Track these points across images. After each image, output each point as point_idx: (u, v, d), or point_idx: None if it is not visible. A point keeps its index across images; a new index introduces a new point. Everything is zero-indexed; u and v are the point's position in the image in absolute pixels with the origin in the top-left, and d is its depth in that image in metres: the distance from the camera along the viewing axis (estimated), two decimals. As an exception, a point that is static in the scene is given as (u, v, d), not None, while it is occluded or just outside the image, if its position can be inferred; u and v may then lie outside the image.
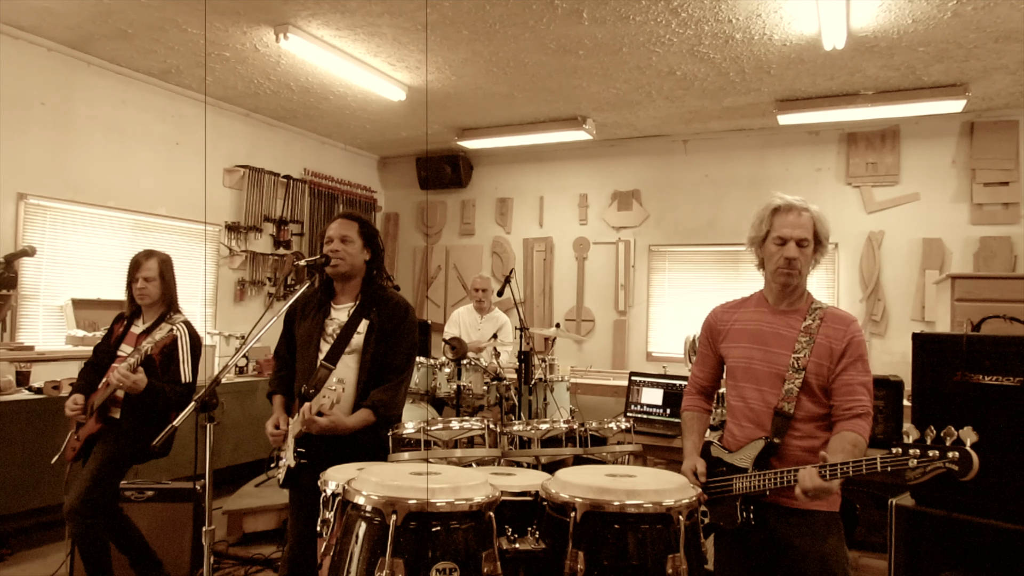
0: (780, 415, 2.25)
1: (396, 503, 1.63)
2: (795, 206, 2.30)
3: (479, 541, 1.67)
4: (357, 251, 2.87)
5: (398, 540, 1.60)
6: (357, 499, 1.69)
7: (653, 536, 1.73)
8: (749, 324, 2.40)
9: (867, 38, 4.60)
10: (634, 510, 1.74)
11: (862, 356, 2.27)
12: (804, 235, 2.26)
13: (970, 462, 1.81)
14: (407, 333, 2.83)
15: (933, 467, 1.86)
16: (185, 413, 2.22)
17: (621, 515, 1.73)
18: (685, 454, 2.42)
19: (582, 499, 1.76)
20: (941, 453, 1.86)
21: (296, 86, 5.92)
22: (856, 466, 1.97)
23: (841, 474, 1.98)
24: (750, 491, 2.20)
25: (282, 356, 2.93)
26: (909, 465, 1.89)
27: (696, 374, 2.57)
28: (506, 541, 1.77)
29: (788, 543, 2.20)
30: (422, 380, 5.17)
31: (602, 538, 1.72)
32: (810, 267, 2.35)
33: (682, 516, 1.76)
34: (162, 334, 3.27)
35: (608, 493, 1.77)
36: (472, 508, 1.68)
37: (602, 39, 4.75)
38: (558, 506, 1.82)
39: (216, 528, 4.71)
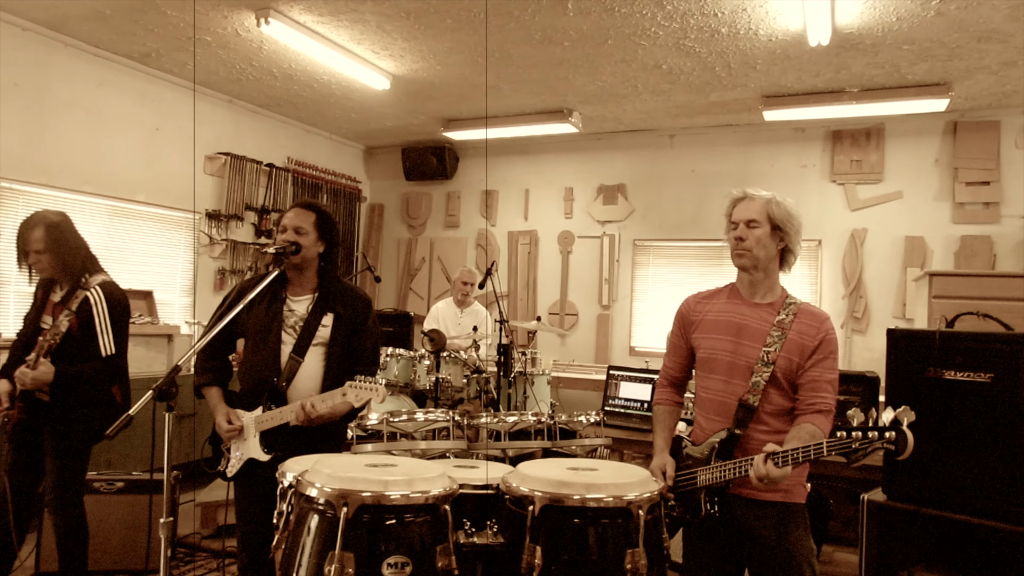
0: (743, 407, 2.24)
1: (348, 495, 1.59)
2: (748, 194, 2.35)
3: (434, 535, 1.64)
4: (311, 243, 2.79)
5: (349, 533, 1.57)
6: (310, 491, 1.65)
7: (612, 531, 1.70)
8: (722, 315, 2.38)
9: (852, 35, 4.58)
10: (593, 504, 1.71)
11: (832, 354, 2.26)
12: (751, 216, 2.28)
13: (905, 441, 1.83)
14: (373, 327, 2.82)
15: (873, 447, 1.88)
16: (142, 402, 2.16)
17: (580, 509, 1.71)
18: (655, 451, 2.40)
19: (541, 493, 1.73)
20: (880, 434, 1.86)
21: (279, 73, 5.85)
22: (805, 452, 1.96)
23: (792, 461, 1.98)
24: (712, 483, 2.19)
25: (213, 344, 2.74)
26: (852, 447, 1.90)
27: (667, 365, 2.55)
28: (464, 535, 1.74)
29: (753, 534, 2.20)
30: (402, 372, 5.14)
31: (560, 532, 1.70)
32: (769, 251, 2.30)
33: (642, 511, 1.73)
34: (77, 303, 3.09)
35: (567, 487, 1.74)
36: (427, 501, 1.65)
37: (587, 31, 4.71)
38: (517, 499, 1.79)
39: (190, 521, 4.70)
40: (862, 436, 1.88)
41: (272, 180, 7.09)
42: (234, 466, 2.71)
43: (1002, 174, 5.94)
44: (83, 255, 3.29)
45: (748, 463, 2.09)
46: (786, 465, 1.99)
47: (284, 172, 7.24)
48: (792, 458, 1.97)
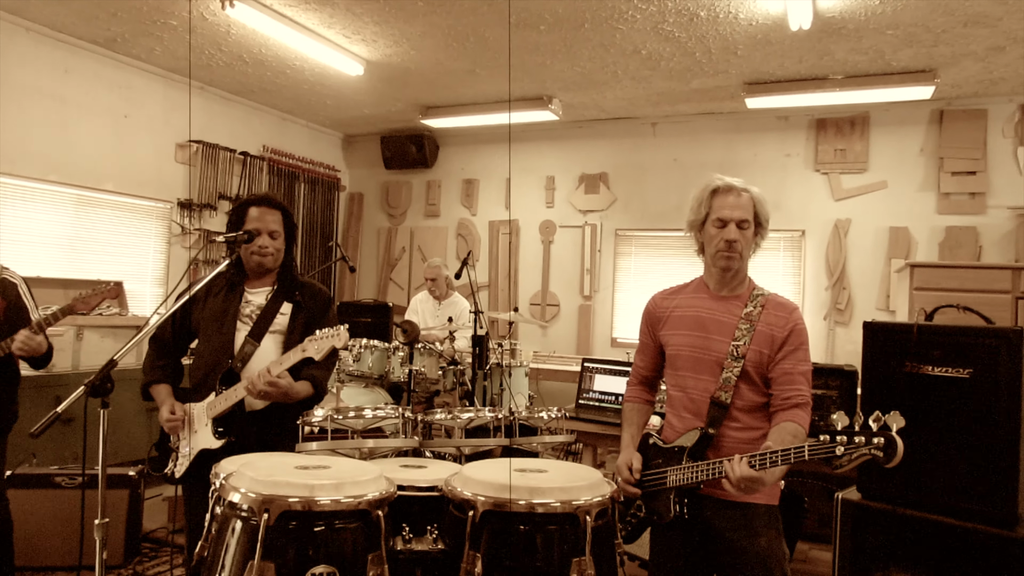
0: (716, 404, 2.15)
1: (272, 501, 1.48)
2: (735, 187, 2.21)
3: (366, 542, 1.53)
4: (282, 244, 2.75)
5: (270, 542, 1.45)
6: (232, 496, 1.54)
7: (558, 538, 1.59)
8: (688, 311, 2.29)
9: (834, 19, 4.47)
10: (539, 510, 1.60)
11: (803, 344, 2.18)
12: (744, 216, 2.16)
13: (895, 448, 1.71)
14: (334, 319, 2.72)
15: (859, 454, 1.77)
16: (72, 397, 2.05)
17: (523, 515, 1.60)
18: (622, 447, 2.30)
19: (484, 497, 1.62)
20: (867, 439, 1.76)
21: (250, 58, 5.70)
22: (784, 455, 1.86)
23: (770, 463, 1.87)
24: (683, 483, 2.09)
25: (164, 342, 2.69)
26: (836, 453, 1.79)
27: (638, 364, 2.46)
28: (401, 541, 1.63)
29: (724, 537, 2.11)
30: (376, 364, 5.02)
31: (503, 539, 1.59)
32: (751, 250, 2.26)
33: (590, 516, 1.62)
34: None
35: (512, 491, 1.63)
36: (359, 506, 1.53)
37: (563, 14, 4.58)
38: (459, 504, 1.68)
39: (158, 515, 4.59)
40: (848, 441, 1.78)
41: (247, 169, 6.93)
42: (183, 465, 2.59)
43: (989, 163, 5.85)
44: None
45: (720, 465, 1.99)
46: (764, 468, 1.89)
47: (259, 160, 7.08)
48: (771, 461, 1.87)
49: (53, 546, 3.84)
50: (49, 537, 3.84)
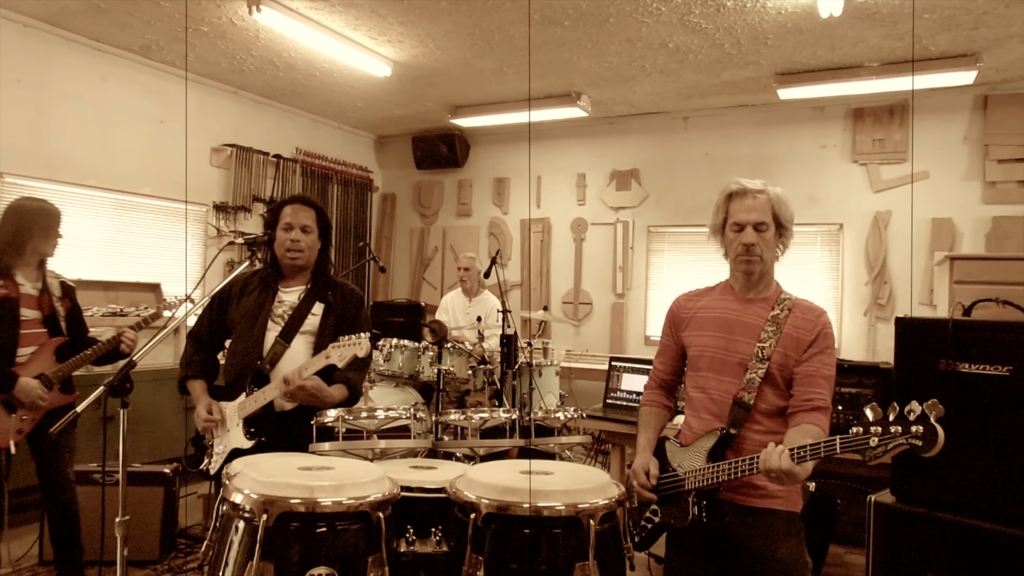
0: (739, 405, 2.10)
1: (272, 502, 1.48)
2: (750, 189, 2.15)
3: (367, 544, 1.52)
4: (315, 241, 2.78)
5: (269, 542, 1.45)
6: (235, 497, 1.54)
7: (561, 542, 1.56)
8: (714, 312, 2.25)
9: (867, 5, 4.33)
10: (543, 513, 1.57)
11: (828, 349, 2.12)
12: (761, 219, 2.11)
13: (935, 436, 1.64)
14: (366, 321, 2.75)
15: (895, 444, 1.70)
16: (92, 397, 2.08)
17: (526, 518, 1.57)
18: (637, 451, 2.26)
19: (487, 500, 1.60)
20: (904, 429, 1.68)
21: (280, 62, 5.76)
22: (814, 449, 1.80)
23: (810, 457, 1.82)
24: (703, 486, 2.03)
25: (202, 339, 2.76)
26: (870, 444, 1.73)
27: (657, 367, 2.41)
28: (405, 543, 1.61)
29: (743, 543, 2.05)
30: (406, 364, 5.03)
31: (505, 543, 1.56)
32: (775, 252, 2.20)
33: (594, 520, 1.59)
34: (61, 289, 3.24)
35: (513, 494, 1.61)
36: (360, 508, 1.53)
37: (587, 9, 4.53)
38: (463, 506, 1.66)
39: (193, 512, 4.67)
40: (882, 431, 1.72)
41: (280, 171, 7.02)
42: (216, 462, 2.63)
43: (1036, 150, 5.62)
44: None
45: (745, 464, 1.94)
46: (804, 461, 1.82)
47: (292, 163, 7.17)
48: (812, 454, 1.81)
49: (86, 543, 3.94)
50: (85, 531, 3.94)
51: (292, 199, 2.81)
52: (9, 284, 3.15)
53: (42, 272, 3.28)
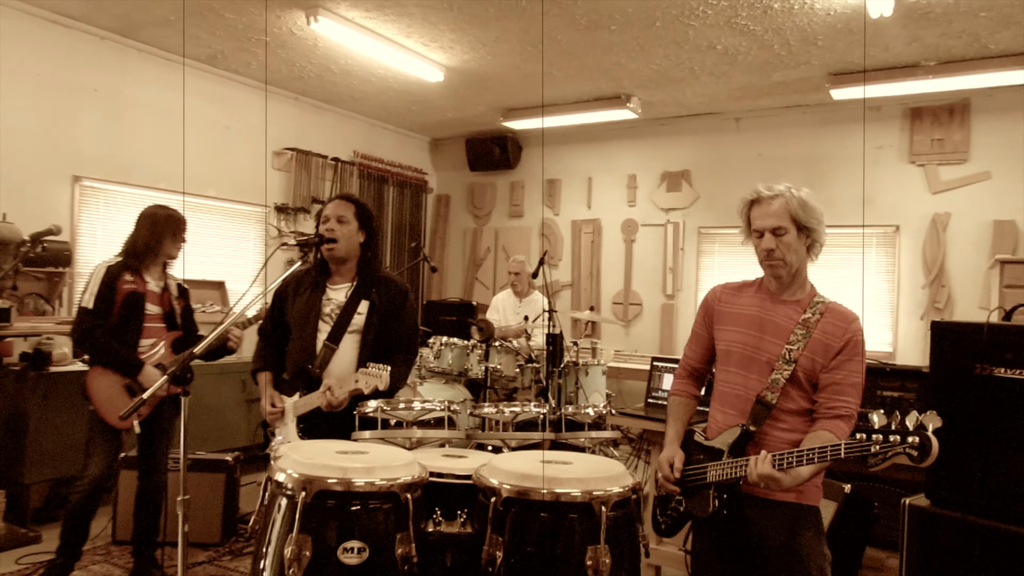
0: (761, 403, 2.15)
1: (311, 481, 1.63)
2: (764, 196, 2.19)
3: (397, 522, 1.65)
4: (353, 232, 2.90)
5: (307, 517, 1.60)
6: (278, 476, 1.70)
7: (574, 526, 1.67)
8: (747, 309, 2.29)
9: (919, 4, 4.28)
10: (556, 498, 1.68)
11: (857, 356, 2.15)
12: (777, 223, 2.15)
13: (929, 448, 1.72)
14: (410, 315, 2.88)
15: (893, 452, 1.76)
16: (156, 386, 2.26)
17: (542, 503, 1.68)
18: (665, 442, 2.33)
19: (508, 485, 1.71)
20: (902, 438, 1.74)
21: (337, 69, 5.99)
22: (821, 453, 1.86)
23: (797, 462, 1.88)
24: (721, 479, 2.10)
25: (267, 334, 2.97)
26: (871, 451, 1.79)
27: (688, 355, 2.46)
28: (432, 524, 1.74)
29: (762, 535, 2.11)
30: (455, 361, 5.19)
31: (523, 525, 1.68)
32: (801, 254, 2.21)
33: (605, 507, 1.68)
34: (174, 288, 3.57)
35: (532, 480, 1.72)
36: (391, 489, 1.66)
37: (633, 13, 4.60)
38: (485, 491, 1.78)
39: (253, 499, 4.88)
40: (883, 439, 1.78)
41: (338, 173, 7.28)
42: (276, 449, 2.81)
43: (1104, 150, 5.43)
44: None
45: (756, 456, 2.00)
46: (791, 467, 1.90)
47: (350, 166, 7.42)
48: (798, 459, 1.89)
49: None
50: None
51: (333, 197, 2.99)
52: (139, 281, 3.47)
53: (164, 273, 3.61)
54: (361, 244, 2.93)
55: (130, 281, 3.43)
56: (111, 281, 3.37)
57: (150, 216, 3.60)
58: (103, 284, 3.36)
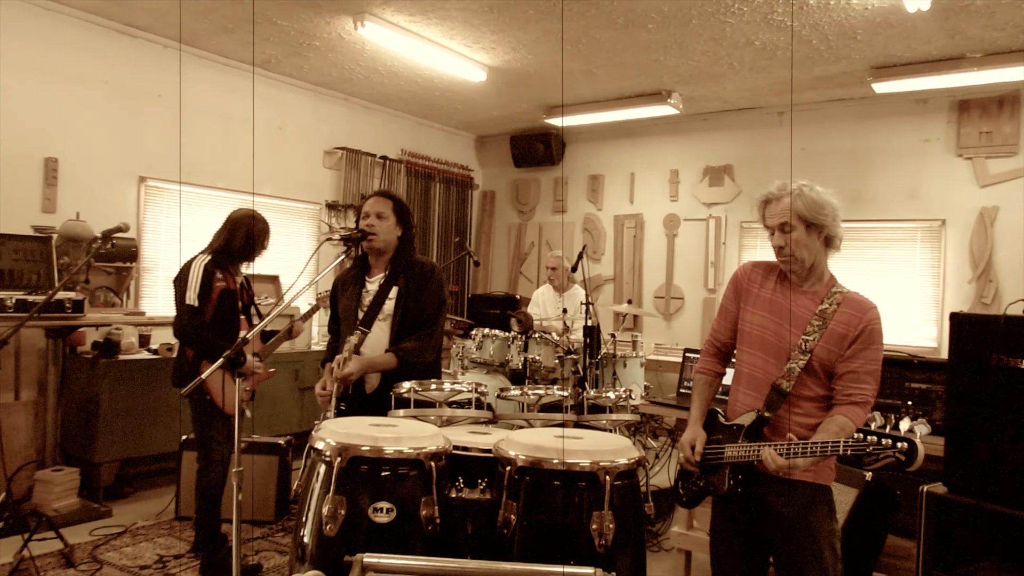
0: (776, 391, 2.25)
1: (346, 448, 1.82)
2: (772, 196, 2.30)
3: (422, 487, 1.84)
4: (391, 227, 3.07)
5: (342, 480, 1.80)
6: (318, 444, 1.91)
7: (581, 493, 1.82)
8: (769, 294, 2.38)
9: (958, -2, 4.27)
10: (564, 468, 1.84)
11: (873, 344, 2.22)
12: (783, 219, 2.25)
13: (915, 454, 1.84)
14: (434, 290, 3.02)
15: (884, 455, 1.88)
16: (212, 368, 2.46)
17: (553, 472, 1.84)
18: (689, 422, 2.44)
19: (523, 456, 1.88)
20: (892, 443, 1.85)
21: (384, 71, 6.23)
22: (823, 448, 1.99)
23: (801, 453, 2.00)
24: (737, 459, 2.22)
25: (331, 330, 3.22)
26: (866, 451, 1.91)
27: (716, 329, 2.54)
28: (455, 490, 1.92)
29: (776, 511, 2.23)
30: (496, 352, 5.36)
31: (535, 492, 1.84)
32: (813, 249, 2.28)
33: (609, 476, 1.83)
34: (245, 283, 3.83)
35: (544, 451, 1.88)
36: (417, 456, 1.84)
37: (669, 12, 4.69)
38: (502, 461, 1.96)
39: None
40: (876, 441, 1.90)
41: (386, 171, 7.53)
42: None
43: None
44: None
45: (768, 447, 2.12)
46: (797, 458, 2.02)
47: (397, 164, 7.67)
48: (802, 452, 2.00)
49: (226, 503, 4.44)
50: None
51: (371, 194, 3.16)
52: (229, 278, 3.74)
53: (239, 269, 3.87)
54: (399, 238, 3.11)
55: (221, 279, 3.67)
56: (208, 279, 3.60)
57: (245, 221, 3.80)
58: (203, 282, 3.58)
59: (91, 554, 3.90)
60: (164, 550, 4.01)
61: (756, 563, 2.34)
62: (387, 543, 1.76)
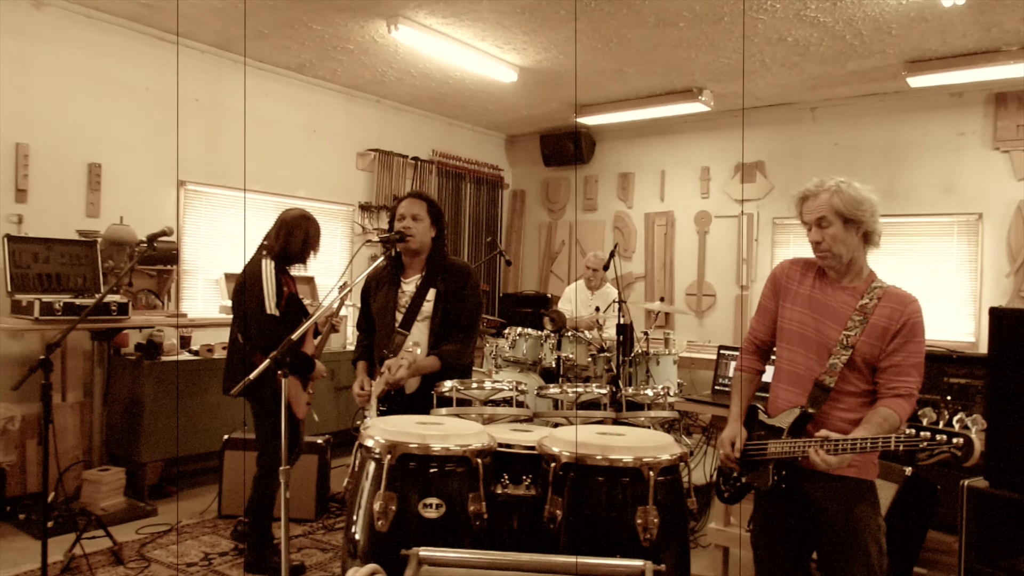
0: (819, 387, 2.27)
1: (395, 446, 1.88)
2: (810, 192, 2.32)
3: (469, 483, 1.89)
4: (426, 228, 3.13)
5: (393, 477, 1.86)
6: (368, 442, 1.97)
7: (625, 488, 1.86)
8: (808, 291, 2.39)
9: (995, -10, 4.22)
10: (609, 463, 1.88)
11: (916, 337, 2.23)
12: (820, 213, 2.27)
13: (971, 450, 1.85)
14: (472, 294, 3.09)
15: (939, 450, 1.89)
16: (261, 367, 2.53)
17: (598, 467, 1.89)
18: (729, 419, 2.46)
19: (567, 452, 1.92)
20: (948, 438, 1.86)
21: (416, 72, 6.30)
22: (872, 443, 2.00)
23: (851, 449, 2.01)
24: (781, 456, 2.24)
25: (362, 327, 3.28)
26: (919, 447, 1.92)
27: (755, 327, 2.57)
28: (500, 487, 1.97)
29: (820, 506, 2.24)
30: (529, 351, 5.41)
31: (580, 487, 1.89)
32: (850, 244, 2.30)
33: (653, 472, 1.87)
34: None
35: (588, 447, 1.93)
36: (464, 453, 1.90)
37: (701, 10, 4.70)
38: (547, 457, 2.00)
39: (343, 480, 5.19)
40: (931, 437, 1.91)
41: (417, 172, 7.62)
42: None
43: None
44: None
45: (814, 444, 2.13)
46: (845, 454, 2.03)
47: (429, 164, 7.75)
48: (852, 447, 2.02)
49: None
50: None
51: (405, 195, 3.21)
52: (289, 281, 3.78)
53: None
54: (433, 239, 3.16)
55: (284, 283, 3.71)
56: (280, 285, 3.64)
57: (302, 223, 3.82)
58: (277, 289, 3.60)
59: (139, 552, 4.00)
60: (209, 548, 4.10)
61: (799, 558, 2.36)
62: (436, 538, 1.81)
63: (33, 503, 4.56)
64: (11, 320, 4.32)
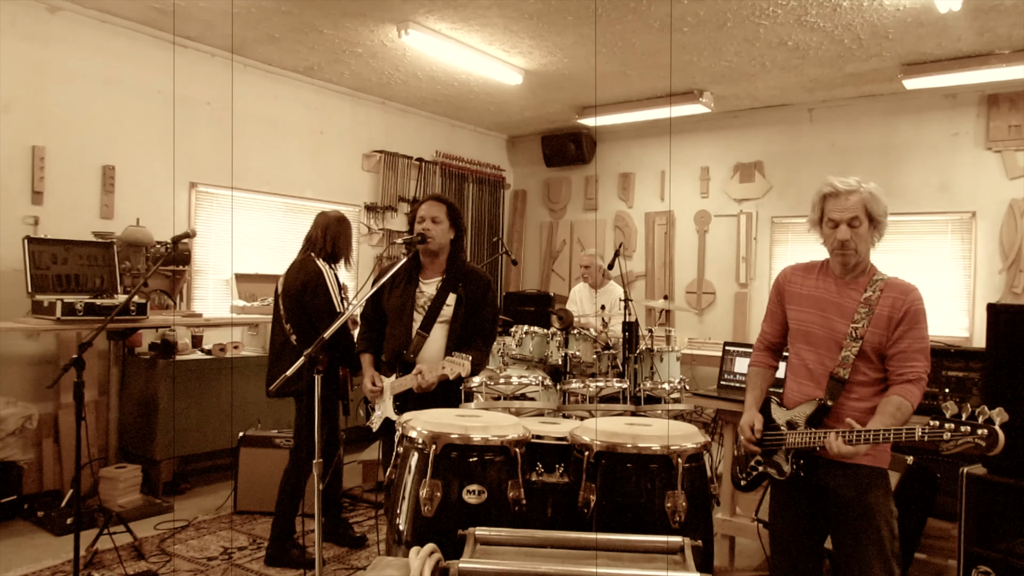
0: (835, 380, 2.38)
1: (439, 436, 2.01)
2: (842, 191, 2.38)
3: (508, 471, 2.02)
4: (445, 230, 3.24)
5: (437, 466, 1.98)
6: (411, 433, 2.09)
7: (655, 475, 1.99)
8: (814, 291, 2.51)
9: None
10: (638, 451, 2.01)
11: (919, 324, 2.35)
12: (854, 213, 2.35)
13: (996, 440, 1.96)
14: (490, 304, 3.22)
15: (964, 441, 2.00)
16: (296, 365, 2.64)
17: (627, 455, 2.02)
18: (745, 408, 2.59)
19: (599, 442, 2.06)
20: (972, 429, 1.97)
21: (423, 75, 6.41)
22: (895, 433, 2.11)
23: (873, 439, 2.14)
24: (799, 446, 2.36)
25: (370, 319, 3.33)
26: (944, 437, 2.03)
27: (765, 330, 2.71)
28: (536, 474, 2.10)
29: (835, 493, 2.36)
30: (536, 349, 5.52)
31: (612, 474, 2.02)
32: (869, 244, 2.43)
33: (681, 459, 2.01)
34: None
35: (618, 437, 2.06)
36: (502, 443, 2.03)
37: (704, 16, 4.83)
38: (579, 447, 2.13)
39: (355, 476, 5.30)
40: (954, 428, 2.03)
41: (422, 173, 7.73)
42: (376, 423, 3.23)
43: None
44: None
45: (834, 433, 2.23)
46: (865, 443, 2.15)
47: (432, 165, 7.86)
48: (874, 438, 2.13)
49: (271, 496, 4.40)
50: (269, 488, 4.46)
51: (425, 198, 3.31)
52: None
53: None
54: (451, 241, 3.27)
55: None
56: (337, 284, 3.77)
57: (345, 224, 3.98)
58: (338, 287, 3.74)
59: (159, 547, 4.10)
60: (227, 543, 4.20)
61: (814, 544, 2.49)
62: (478, 522, 1.93)
63: (51, 501, 4.65)
64: (33, 320, 4.41)
